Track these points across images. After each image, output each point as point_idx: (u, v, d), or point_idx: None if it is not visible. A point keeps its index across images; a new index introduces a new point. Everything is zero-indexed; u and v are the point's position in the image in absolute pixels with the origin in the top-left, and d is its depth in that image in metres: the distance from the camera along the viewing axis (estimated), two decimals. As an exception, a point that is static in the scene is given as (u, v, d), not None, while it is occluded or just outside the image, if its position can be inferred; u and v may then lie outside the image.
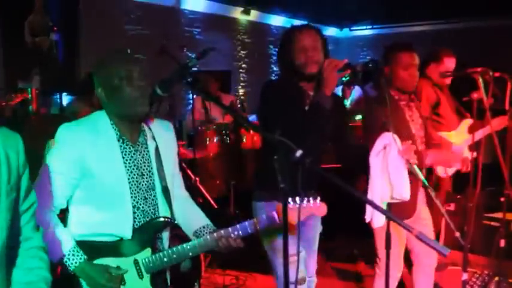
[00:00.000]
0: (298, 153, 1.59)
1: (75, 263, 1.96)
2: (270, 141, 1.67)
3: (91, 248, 2.03)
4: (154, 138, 2.17)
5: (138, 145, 2.12)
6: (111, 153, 2.04)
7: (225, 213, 5.06)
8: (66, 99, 6.03)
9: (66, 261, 1.95)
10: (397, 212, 2.61)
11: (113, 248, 2.06)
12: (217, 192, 5.29)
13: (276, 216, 2.19)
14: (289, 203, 2.09)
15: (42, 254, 1.60)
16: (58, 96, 5.87)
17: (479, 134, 3.61)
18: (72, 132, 2.01)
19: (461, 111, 4.04)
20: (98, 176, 2.01)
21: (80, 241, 2.03)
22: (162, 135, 2.21)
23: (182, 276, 3.24)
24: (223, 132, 5.68)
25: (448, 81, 3.97)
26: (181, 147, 4.86)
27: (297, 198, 2.12)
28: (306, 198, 2.20)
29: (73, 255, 1.96)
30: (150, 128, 2.18)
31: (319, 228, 3.00)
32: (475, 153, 3.62)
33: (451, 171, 3.74)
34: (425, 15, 10.04)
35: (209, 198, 4.92)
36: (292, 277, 1.81)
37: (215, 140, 5.63)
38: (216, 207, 4.90)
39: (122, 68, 2.00)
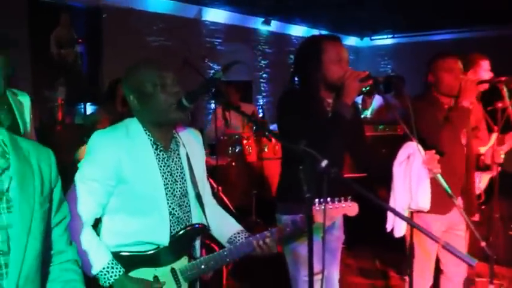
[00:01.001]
0: (324, 163, 1.59)
1: (115, 276, 1.92)
2: (295, 152, 1.66)
3: (128, 259, 1.99)
4: (184, 145, 2.16)
5: (171, 151, 2.10)
6: (147, 160, 2.01)
7: (246, 221, 5.06)
8: (90, 109, 6.14)
9: (104, 275, 1.91)
10: (436, 204, 2.64)
11: (150, 258, 2.02)
12: (238, 201, 5.30)
13: (300, 220, 2.19)
14: (315, 204, 2.09)
15: (76, 268, 1.61)
16: (82, 106, 5.97)
17: (507, 147, 3.58)
18: (107, 139, 1.98)
19: (488, 122, 3.95)
20: (134, 183, 1.97)
21: (115, 252, 1.99)
22: (191, 142, 2.20)
23: (205, 286, 3.25)
24: (245, 141, 5.70)
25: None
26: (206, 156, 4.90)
27: (325, 200, 2.11)
28: (336, 198, 2.19)
29: (112, 268, 1.92)
30: (179, 135, 2.17)
31: (342, 238, 2.99)
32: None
33: (482, 185, 3.71)
34: (446, 24, 9.97)
35: (231, 207, 4.93)
36: None
37: (237, 150, 5.65)
38: (237, 216, 4.91)
39: (155, 74, 1.99)
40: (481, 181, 3.72)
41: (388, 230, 2.81)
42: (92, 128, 2.12)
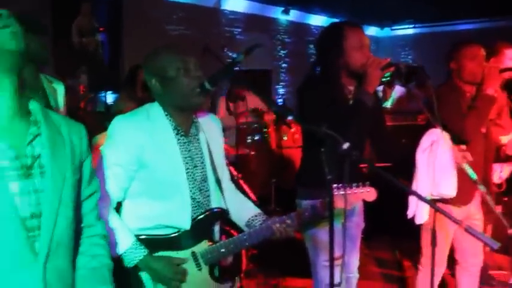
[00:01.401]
0: (346, 145, 1.60)
1: (139, 256, 1.95)
2: (316, 134, 1.67)
3: (149, 242, 2.02)
4: (203, 131, 2.17)
5: (191, 136, 2.12)
6: (169, 144, 2.03)
7: (265, 210, 5.07)
8: (110, 97, 6.20)
9: (128, 255, 1.94)
10: (456, 195, 2.65)
11: (171, 241, 2.04)
12: (258, 190, 5.31)
13: (319, 205, 2.20)
14: (334, 189, 2.07)
15: (104, 243, 1.64)
16: (103, 94, 6.04)
17: None
18: (128, 123, 2.00)
19: None
20: (156, 167, 1.99)
21: (136, 235, 2.01)
22: (210, 128, 2.22)
23: (224, 270, 3.27)
24: (265, 130, 5.69)
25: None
26: (224, 144, 4.90)
27: (343, 186, 2.09)
28: (354, 184, 2.19)
29: (136, 248, 1.96)
30: (199, 120, 2.18)
31: (361, 225, 2.99)
32: None
33: (504, 175, 3.66)
34: (469, 14, 9.82)
35: (251, 195, 4.95)
36: (334, 281, 1.78)
37: (256, 138, 5.65)
38: (257, 204, 4.93)
39: (178, 59, 2.00)
40: (503, 171, 3.67)
41: (410, 216, 2.81)
42: (116, 115, 2.14)
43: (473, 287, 3.23)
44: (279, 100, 6.88)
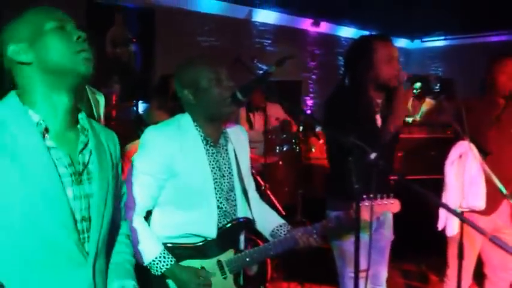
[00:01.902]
0: (373, 155, 1.63)
1: (166, 265, 2.00)
2: (344, 144, 1.70)
3: (176, 251, 2.07)
4: (231, 141, 2.23)
5: (219, 146, 2.17)
6: (198, 154, 2.08)
7: (292, 221, 5.10)
8: (141, 106, 6.31)
9: (156, 264, 1.99)
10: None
11: (198, 250, 2.09)
12: (284, 201, 5.34)
13: (344, 216, 2.23)
14: (362, 200, 2.11)
15: (128, 242, 1.73)
16: (134, 103, 6.13)
17: None
18: (160, 134, 2.07)
19: None
20: (185, 177, 2.05)
21: (164, 244, 2.07)
22: (238, 139, 2.28)
23: (249, 279, 3.31)
24: (294, 141, 5.73)
25: None
26: (252, 153, 4.95)
27: (369, 197, 2.13)
28: (379, 195, 2.21)
29: (164, 257, 2.01)
30: (227, 131, 2.24)
31: (390, 237, 2.99)
32: None
33: None
34: (501, 25, 9.66)
35: (278, 205, 4.98)
36: None
37: (285, 149, 5.69)
38: (283, 213, 4.95)
39: (210, 69, 2.06)
40: None
41: (440, 228, 2.81)
42: (149, 124, 2.21)
43: (503, 302, 3.19)
44: (308, 111, 6.89)
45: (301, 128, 5.94)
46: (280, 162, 5.58)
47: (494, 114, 2.92)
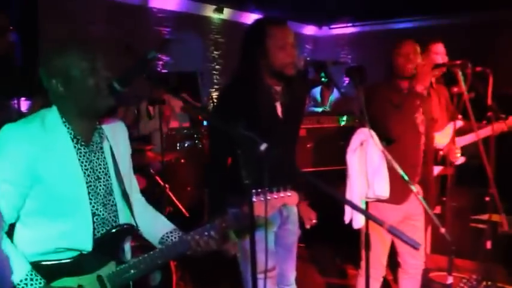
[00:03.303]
0: (263, 146, 1.58)
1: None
2: (232, 135, 1.65)
3: (48, 269, 1.90)
4: (107, 138, 2.09)
5: (93, 145, 2.03)
6: (66, 155, 1.92)
7: (198, 223, 5.02)
8: (24, 104, 5.95)
9: None
10: (391, 194, 2.77)
11: (73, 266, 1.93)
12: (189, 201, 5.26)
13: (241, 211, 2.17)
14: (255, 196, 2.06)
15: None
16: (16, 101, 5.77)
17: (464, 140, 3.70)
18: (18, 133, 1.87)
19: (452, 110, 4.01)
20: (52, 182, 1.88)
21: (34, 262, 1.89)
22: (116, 135, 2.13)
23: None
24: (195, 136, 5.65)
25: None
26: (150, 151, 4.82)
27: (264, 191, 2.09)
28: (274, 189, 2.17)
29: (31, 279, 1.83)
30: (102, 128, 2.09)
31: (297, 233, 3.01)
32: (462, 158, 3.70)
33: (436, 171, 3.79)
34: (408, 12, 10.14)
35: (180, 206, 4.88)
36: None
37: (186, 145, 5.61)
38: (187, 215, 4.87)
39: (84, 56, 1.91)
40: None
41: (347, 222, 2.87)
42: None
43: (415, 289, 3.33)
44: (211, 103, 6.82)
45: (204, 122, 5.88)
46: (182, 160, 5.48)
47: (396, 100, 3.01)
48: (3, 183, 1.84)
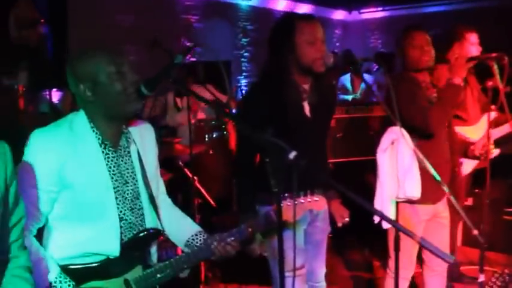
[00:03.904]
0: (292, 154, 1.55)
1: None
2: (260, 142, 1.63)
3: (76, 273, 1.92)
4: (135, 142, 2.08)
5: (120, 149, 2.03)
6: (94, 161, 1.93)
7: (227, 213, 5.04)
8: (55, 95, 6.02)
9: None
10: (425, 194, 2.67)
11: (100, 270, 1.95)
12: (217, 192, 5.28)
13: (272, 215, 2.16)
14: (284, 200, 2.05)
15: (28, 275, 1.59)
16: (47, 92, 5.84)
17: (500, 132, 3.60)
18: (47, 138, 1.89)
19: (484, 101, 3.89)
20: (80, 188, 1.89)
21: (63, 266, 1.91)
22: (143, 138, 2.13)
23: (180, 285, 3.23)
24: (223, 127, 5.65)
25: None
26: (178, 143, 4.83)
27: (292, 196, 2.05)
28: (302, 193, 2.15)
29: (60, 281, 1.86)
30: (129, 131, 2.09)
31: (327, 230, 2.98)
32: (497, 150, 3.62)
33: (465, 171, 3.72)
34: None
35: (208, 197, 4.90)
36: None
37: (214, 136, 5.61)
38: (215, 206, 4.90)
39: (110, 61, 1.90)
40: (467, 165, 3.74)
41: (376, 221, 2.82)
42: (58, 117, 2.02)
43: (440, 286, 3.28)
44: (240, 91, 6.79)
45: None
46: (211, 151, 5.49)
47: (421, 93, 2.92)
48: (33, 188, 1.86)
